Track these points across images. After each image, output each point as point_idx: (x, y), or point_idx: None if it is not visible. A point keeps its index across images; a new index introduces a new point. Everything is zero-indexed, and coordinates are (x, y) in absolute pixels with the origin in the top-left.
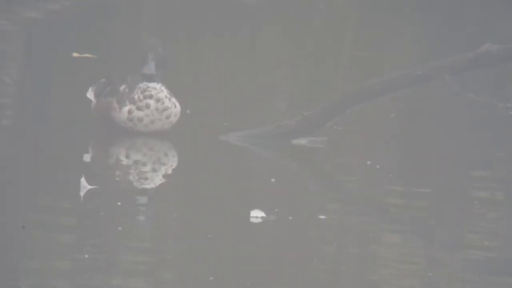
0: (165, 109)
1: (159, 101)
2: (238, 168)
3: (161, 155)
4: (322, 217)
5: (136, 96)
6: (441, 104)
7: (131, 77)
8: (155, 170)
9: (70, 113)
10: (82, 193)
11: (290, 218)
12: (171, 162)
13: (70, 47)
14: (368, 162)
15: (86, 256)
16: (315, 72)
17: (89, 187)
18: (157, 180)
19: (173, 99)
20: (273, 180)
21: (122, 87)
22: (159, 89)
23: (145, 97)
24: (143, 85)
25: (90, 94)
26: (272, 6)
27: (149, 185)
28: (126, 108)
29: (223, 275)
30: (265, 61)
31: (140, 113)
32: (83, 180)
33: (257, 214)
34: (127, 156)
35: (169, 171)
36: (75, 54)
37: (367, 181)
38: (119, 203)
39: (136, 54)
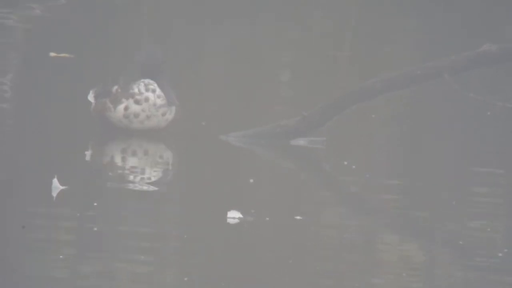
0: (162, 105)
1: (159, 97)
2: (232, 168)
3: (158, 155)
4: (298, 217)
5: (137, 89)
6: (440, 104)
7: (123, 77)
8: (146, 169)
9: (70, 115)
10: (54, 194)
11: (267, 219)
12: (167, 162)
13: (69, 48)
14: (345, 163)
15: (62, 256)
16: (315, 72)
17: (61, 187)
18: (146, 179)
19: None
20: (251, 180)
21: (114, 88)
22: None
23: (147, 90)
24: (147, 80)
25: (90, 97)
26: (272, 6)
27: (135, 185)
28: (121, 106)
29: (197, 275)
30: (265, 61)
31: (137, 108)
32: (55, 180)
33: (234, 215)
34: (123, 156)
35: (163, 171)
36: (52, 54)
37: (360, 182)
38: (95, 204)
39: (135, 54)
